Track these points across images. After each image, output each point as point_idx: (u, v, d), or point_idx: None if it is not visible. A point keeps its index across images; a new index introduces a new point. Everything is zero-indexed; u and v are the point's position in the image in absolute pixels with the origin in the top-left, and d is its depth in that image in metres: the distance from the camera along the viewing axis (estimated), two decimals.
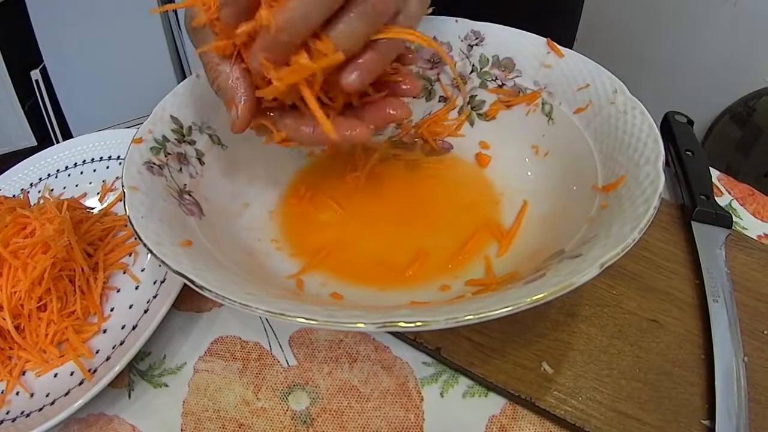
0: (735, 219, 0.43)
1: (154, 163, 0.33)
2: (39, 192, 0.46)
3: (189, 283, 0.25)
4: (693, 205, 0.41)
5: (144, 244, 0.27)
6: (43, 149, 0.48)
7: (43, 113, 1.49)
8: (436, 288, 0.32)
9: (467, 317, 0.22)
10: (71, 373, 0.33)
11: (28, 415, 0.32)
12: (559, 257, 0.28)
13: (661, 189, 0.27)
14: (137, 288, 0.38)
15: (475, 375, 0.32)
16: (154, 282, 0.37)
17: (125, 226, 0.41)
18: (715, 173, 0.46)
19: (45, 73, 1.43)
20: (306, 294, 0.32)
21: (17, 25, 1.33)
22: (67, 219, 0.37)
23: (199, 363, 0.34)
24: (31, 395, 0.33)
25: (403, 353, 0.34)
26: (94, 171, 0.47)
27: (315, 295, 0.32)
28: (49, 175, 0.47)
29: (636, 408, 0.31)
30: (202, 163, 0.36)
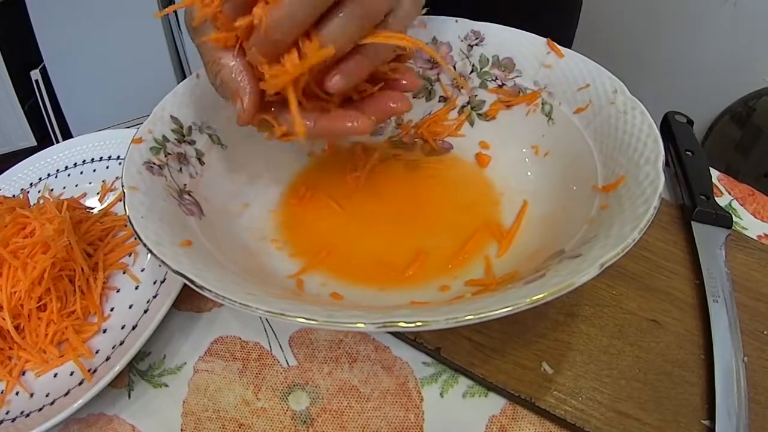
0: (735, 219, 0.43)
1: (154, 163, 0.33)
2: (39, 192, 0.46)
3: (189, 283, 0.25)
4: (693, 205, 0.41)
5: (144, 244, 0.27)
6: (43, 149, 0.48)
7: (43, 113, 1.49)
8: (435, 288, 0.32)
9: (467, 317, 0.22)
10: (71, 373, 0.33)
11: (27, 415, 0.32)
12: (559, 257, 0.28)
13: (661, 189, 0.27)
14: (137, 288, 0.38)
15: (475, 375, 0.32)
16: (154, 282, 0.37)
17: (125, 226, 0.41)
18: (715, 173, 0.46)
19: (45, 73, 1.43)
20: (306, 294, 0.32)
21: (17, 25, 1.33)
22: (67, 219, 0.37)
23: (199, 363, 0.34)
24: (31, 395, 0.33)
25: (403, 353, 0.34)
26: (93, 171, 0.46)
27: (315, 295, 0.32)
28: (49, 175, 0.47)
29: (636, 408, 0.31)
30: (202, 163, 0.36)
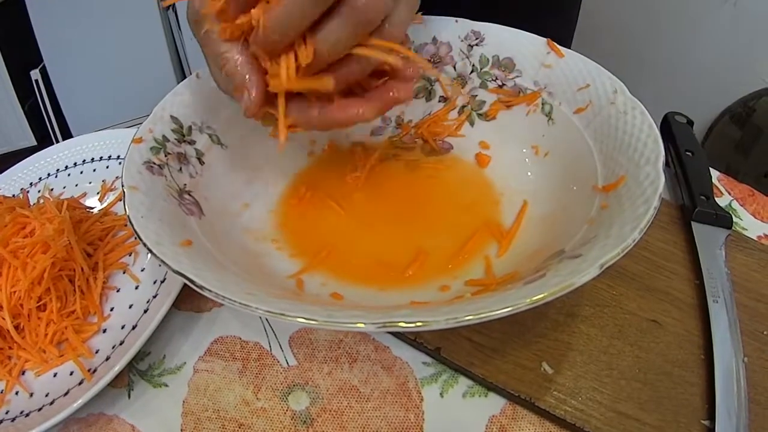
0: (735, 219, 0.43)
1: (154, 163, 0.33)
2: (39, 192, 0.46)
3: (189, 283, 0.25)
4: (693, 206, 0.41)
5: (144, 243, 0.27)
6: (43, 149, 0.48)
7: (43, 113, 1.49)
8: (435, 288, 0.32)
9: (467, 317, 0.22)
10: (71, 373, 0.33)
11: (27, 415, 0.32)
12: (559, 257, 0.28)
13: (661, 189, 0.27)
14: (137, 288, 0.38)
15: (475, 375, 0.32)
16: (153, 282, 0.37)
17: (125, 225, 0.41)
18: (715, 174, 0.46)
19: (45, 73, 1.43)
20: (306, 294, 0.32)
21: (17, 25, 1.33)
22: (67, 219, 0.37)
23: (199, 363, 0.34)
24: (31, 395, 0.33)
25: (403, 353, 0.34)
26: (93, 171, 0.46)
27: (315, 295, 0.32)
28: (49, 175, 0.47)
29: (636, 408, 0.31)
30: (202, 163, 0.36)
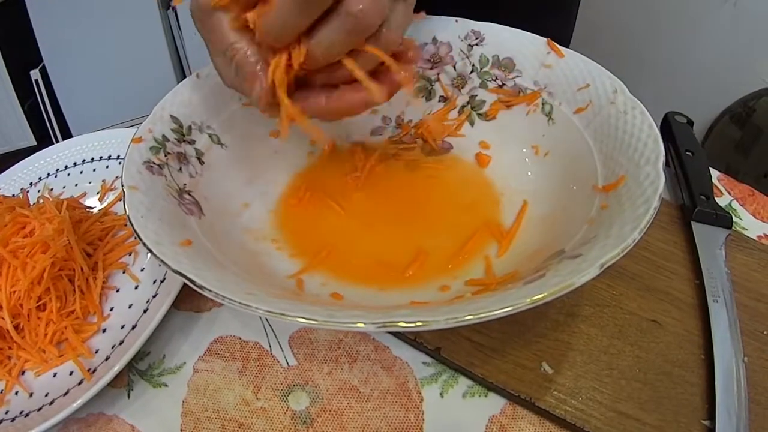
0: (735, 219, 0.43)
1: (153, 163, 0.33)
2: (38, 191, 0.46)
3: (189, 283, 0.25)
4: (693, 206, 0.41)
5: (143, 243, 0.27)
6: (43, 149, 0.48)
7: (43, 113, 1.49)
8: (435, 288, 0.32)
9: (467, 317, 0.22)
10: (70, 373, 0.33)
11: (27, 415, 0.32)
12: (559, 257, 0.28)
13: (661, 189, 0.27)
14: (137, 287, 0.38)
15: (475, 375, 0.32)
16: (153, 281, 0.37)
17: (125, 225, 0.41)
18: (715, 173, 0.46)
19: (44, 73, 1.42)
20: (306, 294, 0.32)
21: (17, 25, 1.33)
22: (67, 218, 0.37)
23: (199, 363, 0.34)
24: (30, 395, 0.33)
25: (403, 353, 0.34)
26: (93, 170, 0.46)
27: (315, 295, 0.32)
28: (49, 175, 0.47)
29: (636, 408, 0.31)
30: (201, 163, 0.36)
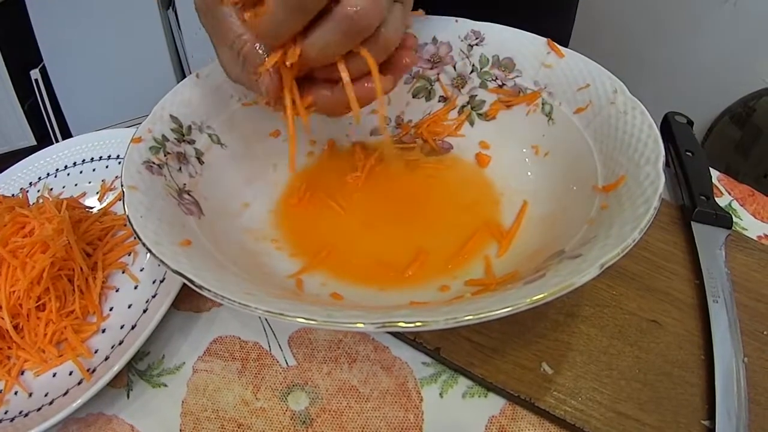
0: (735, 219, 0.43)
1: (153, 163, 0.33)
2: (38, 191, 0.46)
3: (188, 283, 0.25)
4: (693, 206, 0.41)
5: (143, 243, 0.27)
6: (43, 149, 0.48)
7: (43, 113, 1.48)
8: (435, 288, 0.32)
9: (467, 317, 0.22)
10: (70, 373, 0.33)
11: (26, 415, 0.32)
12: (559, 257, 0.28)
13: (661, 189, 0.27)
14: (136, 287, 0.38)
15: (475, 375, 0.32)
16: (153, 281, 0.37)
17: (124, 225, 0.41)
18: (715, 174, 0.46)
19: (44, 73, 1.42)
20: (306, 294, 0.32)
21: (17, 25, 1.33)
22: (66, 218, 0.37)
23: (198, 363, 0.34)
24: (30, 395, 0.33)
25: (403, 353, 0.34)
26: (93, 170, 0.46)
27: (315, 295, 0.32)
28: (49, 175, 0.47)
29: (636, 408, 0.30)
30: (201, 163, 0.36)
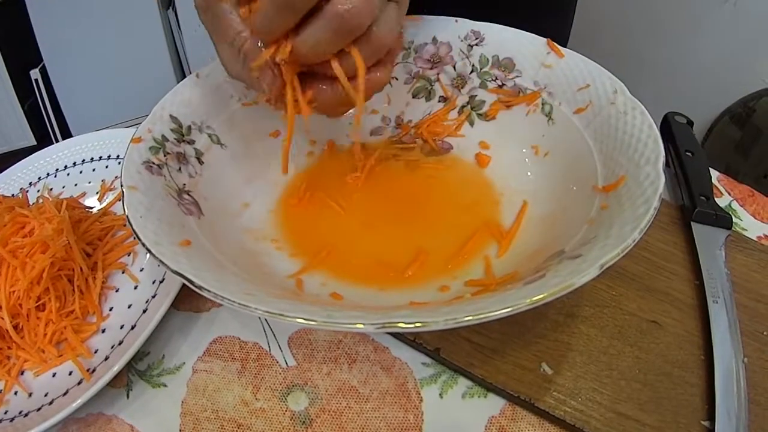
0: (735, 220, 0.43)
1: (153, 163, 0.33)
2: (38, 191, 0.46)
3: (188, 283, 0.25)
4: (693, 206, 0.41)
5: (143, 243, 0.27)
6: (43, 148, 0.48)
7: (43, 113, 1.48)
8: (435, 288, 0.32)
9: (467, 318, 0.22)
10: (70, 373, 0.33)
11: (26, 415, 0.32)
12: (559, 258, 0.28)
13: (662, 189, 0.27)
14: (136, 288, 0.38)
15: (475, 376, 0.32)
16: (152, 282, 0.37)
17: (124, 225, 0.41)
18: (715, 174, 0.46)
19: (44, 73, 1.42)
20: (305, 294, 0.32)
21: (17, 25, 1.33)
22: (66, 218, 0.37)
23: (198, 363, 0.34)
24: (30, 395, 0.33)
25: (403, 354, 0.34)
26: (93, 170, 0.46)
27: (314, 296, 0.32)
28: (48, 175, 0.47)
29: (635, 409, 0.30)
30: (201, 163, 0.36)
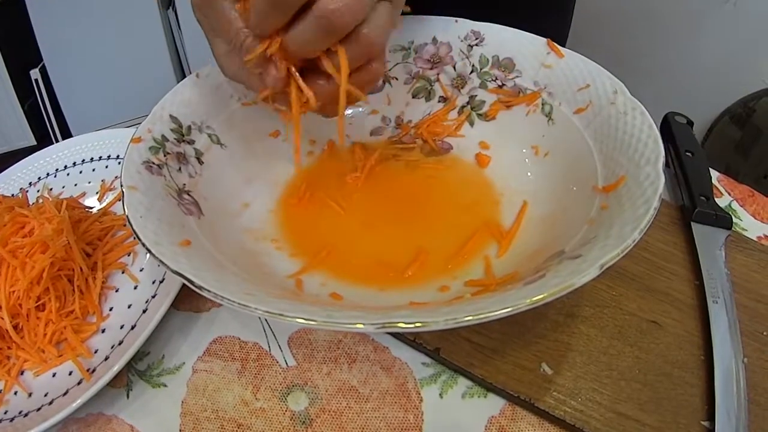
0: (735, 220, 0.43)
1: (153, 163, 0.33)
2: (38, 191, 0.46)
3: (188, 283, 0.25)
4: (693, 206, 0.41)
5: (142, 243, 0.27)
6: (42, 148, 0.48)
7: (43, 112, 1.48)
8: (435, 288, 0.32)
9: (467, 318, 0.22)
10: (70, 373, 0.33)
11: (26, 415, 0.32)
12: (559, 258, 0.28)
13: (662, 190, 0.27)
14: (136, 288, 0.38)
15: (475, 376, 0.32)
16: (152, 282, 0.37)
17: (124, 225, 0.41)
18: (715, 174, 0.46)
19: (44, 73, 1.42)
20: (305, 294, 0.32)
21: (17, 25, 1.33)
22: (66, 218, 0.37)
23: (198, 363, 0.34)
24: (30, 395, 0.33)
25: (403, 354, 0.34)
26: (93, 170, 0.46)
27: (314, 296, 0.32)
28: (48, 175, 0.47)
29: (635, 409, 0.30)
30: (201, 163, 0.36)
